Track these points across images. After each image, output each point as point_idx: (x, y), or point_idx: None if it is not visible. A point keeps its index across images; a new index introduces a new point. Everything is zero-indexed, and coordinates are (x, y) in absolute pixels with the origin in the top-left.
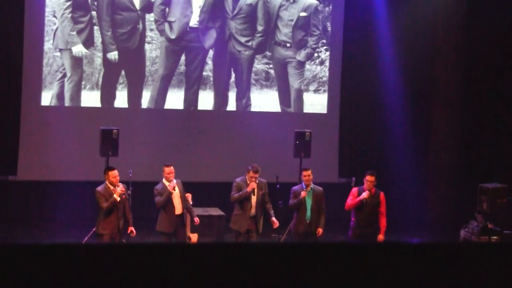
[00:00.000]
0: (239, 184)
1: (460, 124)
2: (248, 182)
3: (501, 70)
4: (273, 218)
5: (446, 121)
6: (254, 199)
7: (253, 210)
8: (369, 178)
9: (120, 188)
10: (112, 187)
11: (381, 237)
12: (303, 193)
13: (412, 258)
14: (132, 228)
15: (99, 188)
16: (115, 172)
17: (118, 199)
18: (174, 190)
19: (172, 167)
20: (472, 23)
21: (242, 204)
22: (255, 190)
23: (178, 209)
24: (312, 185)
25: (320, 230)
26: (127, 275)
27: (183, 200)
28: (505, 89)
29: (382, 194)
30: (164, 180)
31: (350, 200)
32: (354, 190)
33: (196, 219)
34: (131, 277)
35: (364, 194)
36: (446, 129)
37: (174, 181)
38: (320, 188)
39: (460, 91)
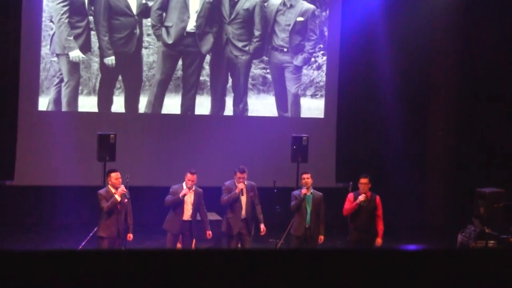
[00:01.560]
0: (229, 187)
1: (457, 129)
2: (237, 183)
3: (499, 72)
4: (262, 225)
5: (443, 126)
6: (244, 201)
7: (243, 212)
8: (362, 180)
9: (121, 188)
10: (113, 190)
11: (379, 240)
12: (303, 190)
13: (409, 265)
14: (131, 235)
15: (101, 191)
16: (117, 174)
17: (119, 199)
18: (182, 197)
19: (194, 176)
20: (470, 25)
21: (232, 207)
22: (244, 190)
23: (187, 215)
24: (312, 190)
25: (321, 237)
26: (124, 281)
27: (196, 209)
28: (503, 92)
29: (378, 197)
30: (184, 184)
31: (348, 205)
32: (350, 195)
33: (209, 233)
34: (129, 283)
35: (361, 197)
36: (444, 134)
37: (194, 188)
38: (320, 193)
39: (458, 97)
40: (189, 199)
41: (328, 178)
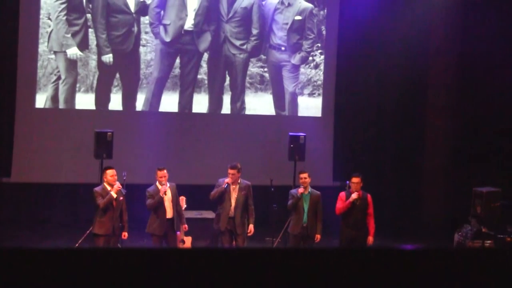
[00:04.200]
0: (220, 183)
1: (454, 128)
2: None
3: (496, 72)
4: (251, 225)
5: (440, 125)
6: (234, 199)
7: (232, 211)
8: (354, 180)
9: (117, 185)
10: (109, 187)
11: (370, 238)
12: (300, 190)
13: (406, 264)
14: (126, 233)
15: (97, 188)
16: (113, 171)
17: (115, 195)
18: (165, 194)
19: (164, 171)
20: (468, 22)
21: (222, 204)
22: (235, 187)
23: (169, 213)
24: (310, 189)
25: (318, 236)
26: (119, 280)
27: (175, 204)
28: (500, 92)
29: (369, 196)
30: (157, 183)
31: (340, 204)
32: (342, 194)
33: (185, 226)
34: (124, 282)
35: (354, 195)
36: (441, 133)
37: (168, 184)
38: (318, 192)
39: (456, 96)
40: (167, 196)
41: (325, 177)
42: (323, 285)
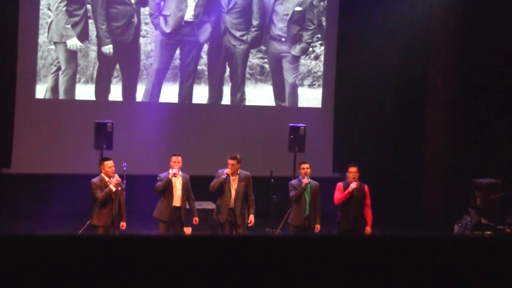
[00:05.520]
0: (219, 174)
1: (454, 120)
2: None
3: (495, 67)
4: (251, 216)
5: (441, 117)
6: (234, 189)
7: (232, 202)
8: (352, 169)
9: (116, 178)
10: (107, 179)
11: (368, 229)
12: (305, 180)
13: (405, 252)
14: (124, 223)
15: (94, 180)
16: (111, 162)
17: (114, 189)
18: (175, 176)
19: (178, 157)
20: (468, 20)
21: (222, 195)
22: (235, 178)
23: (177, 201)
24: (309, 179)
25: (318, 226)
26: (120, 267)
27: (185, 195)
28: (499, 86)
29: (366, 186)
30: (170, 170)
31: (338, 194)
32: (340, 184)
33: (195, 219)
34: (124, 269)
35: (353, 185)
36: (441, 125)
37: (180, 172)
38: (316, 183)
39: (455, 87)
40: (178, 184)
41: (325, 168)
42: (323, 274)
